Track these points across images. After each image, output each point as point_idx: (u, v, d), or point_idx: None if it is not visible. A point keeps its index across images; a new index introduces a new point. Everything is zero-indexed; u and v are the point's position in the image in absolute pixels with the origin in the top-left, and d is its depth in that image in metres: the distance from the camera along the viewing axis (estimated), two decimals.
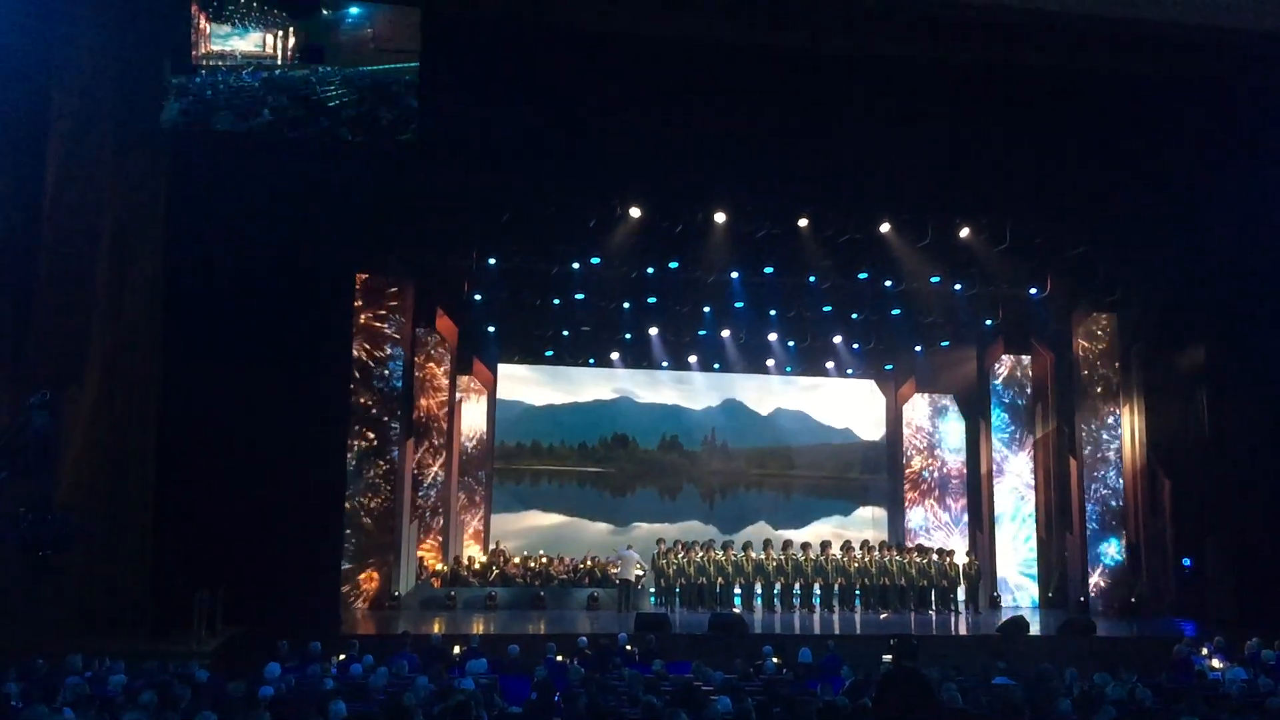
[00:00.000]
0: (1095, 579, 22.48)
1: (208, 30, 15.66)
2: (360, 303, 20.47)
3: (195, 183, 16.48)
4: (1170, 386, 22.20)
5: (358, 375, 20.31)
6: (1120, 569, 22.49)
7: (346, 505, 19.44)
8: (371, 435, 20.53)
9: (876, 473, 28.56)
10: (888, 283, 23.24)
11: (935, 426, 27.01)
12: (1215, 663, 14.03)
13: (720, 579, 21.44)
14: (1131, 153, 18.77)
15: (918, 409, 27.26)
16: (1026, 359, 24.99)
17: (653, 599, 21.80)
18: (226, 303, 16.87)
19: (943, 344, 26.13)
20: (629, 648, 14.19)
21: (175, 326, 16.54)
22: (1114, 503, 22.88)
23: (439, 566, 22.63)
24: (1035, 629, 18.60)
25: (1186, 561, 21.53)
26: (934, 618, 21.30)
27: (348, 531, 19.71)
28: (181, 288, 16.62)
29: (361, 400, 20.45)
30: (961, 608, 22.29)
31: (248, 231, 16.81)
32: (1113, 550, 22.60)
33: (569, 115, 17.28)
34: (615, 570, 21.57)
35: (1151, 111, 18.02)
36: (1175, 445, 21.96)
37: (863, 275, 22.86)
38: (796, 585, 21.88)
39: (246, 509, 16.55)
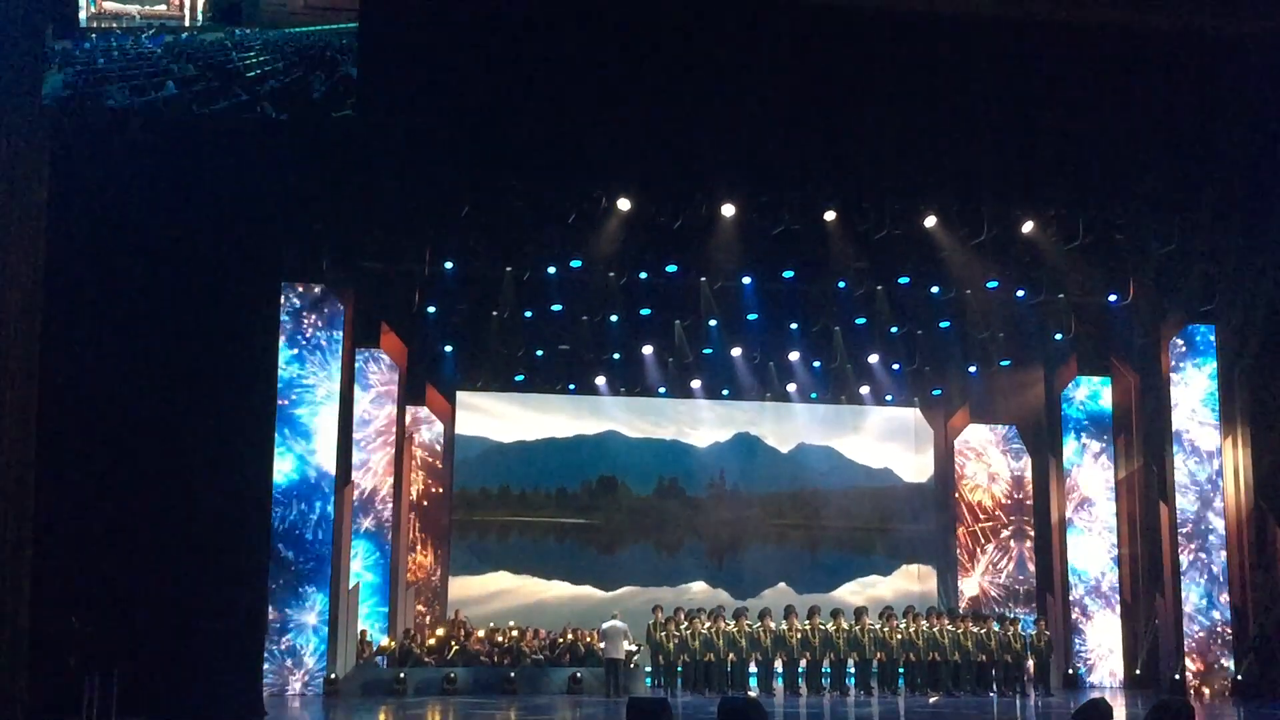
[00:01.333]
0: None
1: None
2: (288, 317, 20.45)
3: (84, 168, 16.43)
4: None
5: (284, 405, 20.26)
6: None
7: (271, 566, 19.35)
8: (301, 480, 20.46)
9: (923, 522, 28.56)
10: (935, 289, 23.28)
11: (995, 464, 27.10)
12: None
13: (731, 655, 21.39)
14: (1233, 128, 18.85)
15: (973, 443, 27.31)
16: (1105, 381, 25.06)
17: (649, 680, 21.75)
18: (121, 316, 16.77)
19: (1003, 363, 26.21)
20: None
21: (56, 343, 16.41)
22: (1215, 557, 22.91)
23: (385, 641, 22.54)
24: (1120, 714, 18.59)
25: None
26: (996, 701, 21.27)
27: (272, 599, 19.62)
28: (65, 297, 16.51)
29: (289, 436, 20.39)
30: (1029, 689, 22.26)
31: (149, 229, 16.75)
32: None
33: (542, 86, 17.31)
34: (601, 646, 21.52)
35: (1259, 78, 18.11)
36: None
37: (904, 280, 22.91)
38: (826, 662, 21.83)
39: (147, 573, 16.43)
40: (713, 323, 24.40)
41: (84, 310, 16.71)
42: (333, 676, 20.20)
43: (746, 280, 23.11)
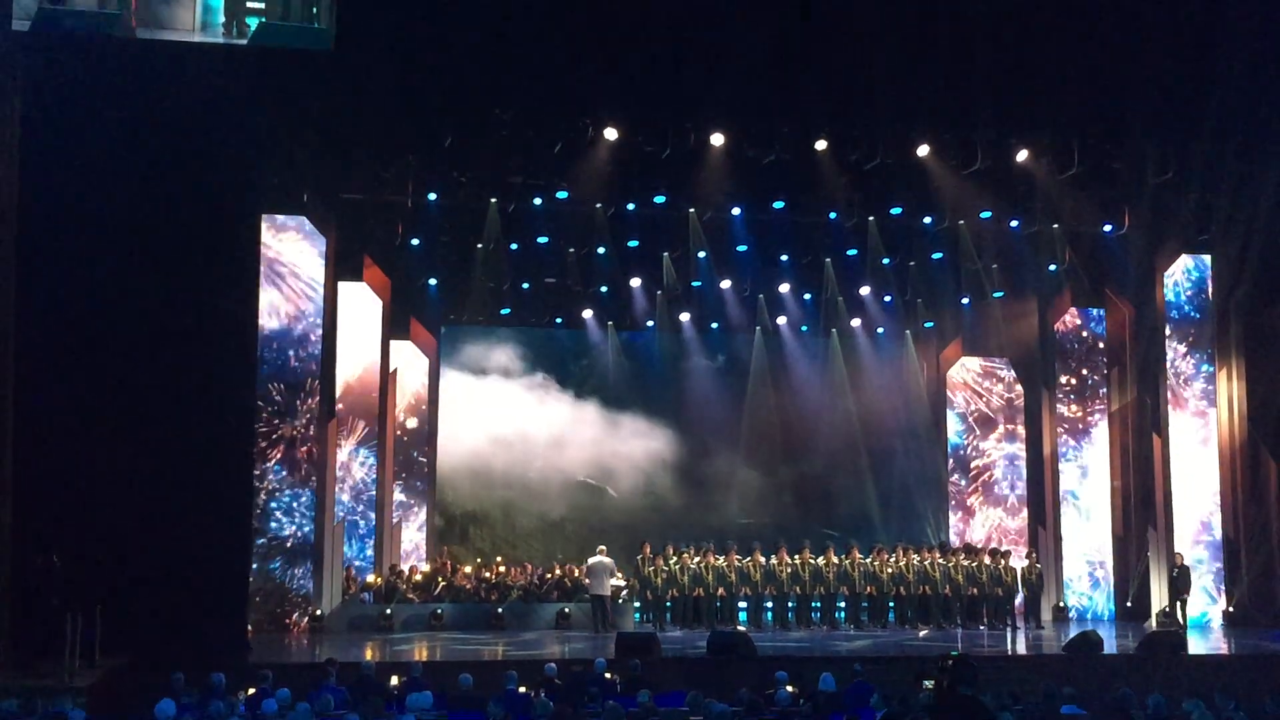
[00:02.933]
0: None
1: None
2: (267, 251, 20.35)
3: (56, 101, 16.28)
4: (1277, 345, 22.31)
5: (265, 342, 20.22)
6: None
7: (255, 504, 19.41)
8: (284, 417, 20.46)
9: (913, 455, 28.66)
10: (927, 219, 23.24)
11: (987, 397, 27.20)
12: None
13: (720, 589, 21.54)
14: (1230, 57, 18.75)
15: (965, 376, 27.40)
16: (1099, 313, 25.11)
17: (637, 615, 21.89)
18: (98, 249, 16.71)
19: (996, 295, 26.20)
20: (608, 676, 14.26)
21: (33, 288, 16.35)
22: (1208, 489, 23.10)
23: (371, 578, 22.67)
24: (1110, 646, 18.79)
25: None
26: (986, 634, 21.48)
27: (257, 537, 19.70)
28: (40, 238, 16.43)
29: (270, 374, 20.36)
30: (1020, 621, 22.48)
31: (123, 163, 16.63)
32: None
33: (527, 12, 17.14)
34: (588, 581, 21.65)
35: (1256, 5, 17.99)
36: None
37: (896, 210, 22.86)
38: (816, 596, 22.00)
39: (129, 511, 16.48)
40: (702, 255, 24.32)
41: (61, 244, 16.61)
42: (318, 613, 20.32)
43: (736, 211, 23.02)
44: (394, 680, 14.33)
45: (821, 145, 20.77)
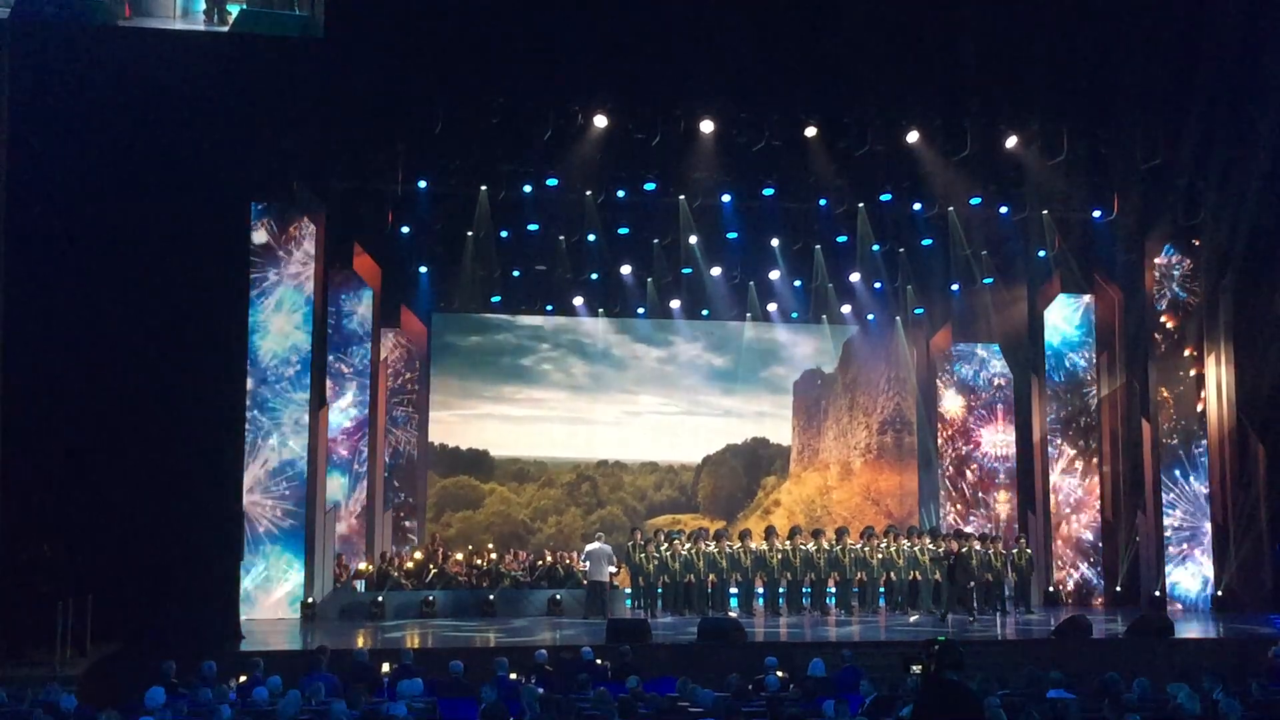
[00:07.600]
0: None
1: None
2: (256, 239, 20.32)
3: (41, 92, 16.23)
4: (1266, 330, 22.38)
5: (255, 330, 20.20)
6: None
7: (245, 492, 19.41)
8: (274, 405, 20.46)
9: (903, 441, 28.76)
10: (917, 206, 23.24)
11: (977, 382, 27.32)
12: None
13: (712, 576, 21.57)
14: (1218, 40, 18.76)
15: (955, 361, 27.49)
16: (1088, 298, 25.18)
17: (629, 601, 21.93)
18: (85, 244, 16.69)
19: (985, 281, 26.26)
20: (599, 662, 14.31)
21: (18, 275, 16.34)
22: (1197, 475, 23.16)
23: (363, 565, 22.70)
24: (1099, 631, 18.87)
25: None
26: (976, 618, 21.55)
27: (247, 524, 19.71)
28: (25, 227, 16.40)
29: (260, 361, 20.36)
30: (1009, 606, 22.55)
31: (109, 152, 16.59)
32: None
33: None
34: (582, 568, 21.68)
35: None
36: (1272, 403, 22.17)
37: (886, 197, 22.86)
38: (806, 582, 22.05)
39: (119, 500, 16.48)
40: (692, 240, 24.34)
41: (49, 233, 16.59)
42: (310, 600, 20.33)
43: (726, 198, 23.02)
44: (385, 667, 14.38)
45: (811, 132, 20.79)
